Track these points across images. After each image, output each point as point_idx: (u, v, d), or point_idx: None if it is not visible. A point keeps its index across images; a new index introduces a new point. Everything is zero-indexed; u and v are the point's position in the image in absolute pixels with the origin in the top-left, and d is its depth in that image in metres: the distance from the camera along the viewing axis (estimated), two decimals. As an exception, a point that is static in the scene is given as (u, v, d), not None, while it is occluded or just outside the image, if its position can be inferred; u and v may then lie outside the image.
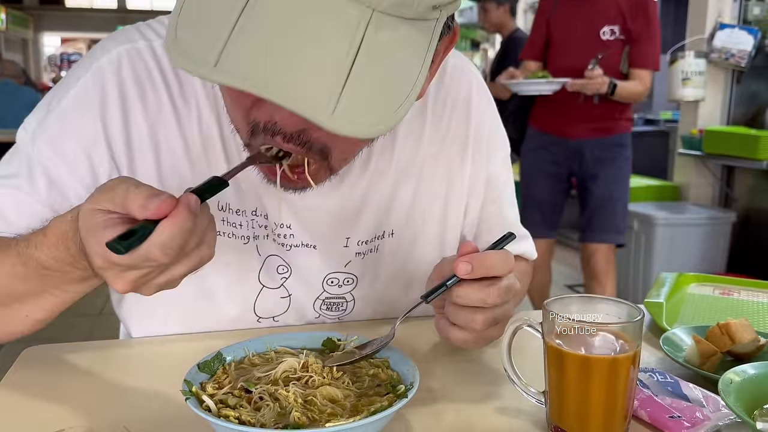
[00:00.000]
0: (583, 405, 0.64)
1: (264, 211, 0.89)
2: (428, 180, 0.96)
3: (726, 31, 3.88)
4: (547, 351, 0.66)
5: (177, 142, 0.85)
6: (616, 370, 0.62)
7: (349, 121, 0.55)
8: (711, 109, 4.00)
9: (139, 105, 0.84)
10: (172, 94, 0.85)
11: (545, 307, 0.66)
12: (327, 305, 0.95)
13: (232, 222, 0.88)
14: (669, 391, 0.73)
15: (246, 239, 0.89)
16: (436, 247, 0.99)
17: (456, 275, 0.71)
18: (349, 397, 0.63)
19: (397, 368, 0.68)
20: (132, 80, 0.84)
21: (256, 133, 0.69)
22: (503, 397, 0.74)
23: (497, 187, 1.04)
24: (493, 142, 1.02)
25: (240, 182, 0.87)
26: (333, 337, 0.75)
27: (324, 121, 0.54)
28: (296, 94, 0.53)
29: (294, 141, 0.68)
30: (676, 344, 0.85)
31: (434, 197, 0.97)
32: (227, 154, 0.86)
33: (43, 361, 0.84)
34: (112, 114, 0.83)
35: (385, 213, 0.94)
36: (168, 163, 0.85)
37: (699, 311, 1.07)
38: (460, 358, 0.85)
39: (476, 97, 1.00)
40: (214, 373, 0.67)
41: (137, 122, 0.84)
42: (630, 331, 0.64)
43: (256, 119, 0.68)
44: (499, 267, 0.72)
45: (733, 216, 3.78)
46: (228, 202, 0.87)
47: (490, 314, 0.73)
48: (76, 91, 0.84)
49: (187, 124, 0.86)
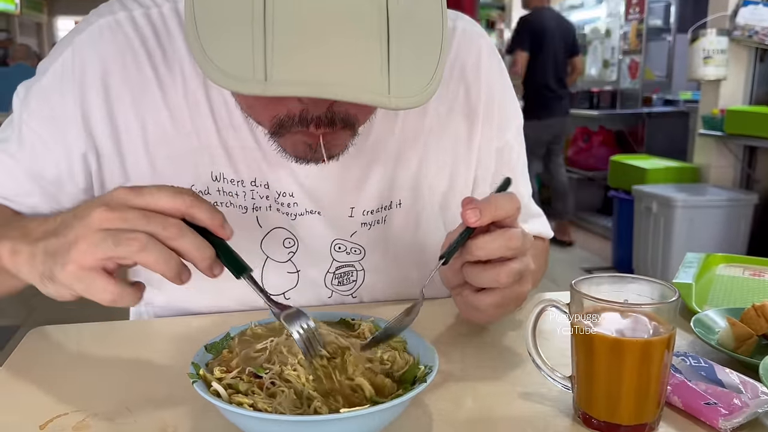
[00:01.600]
0: (613, 391, 0.60)
1: (265, 181, 0.86)
2: (434, 150, 0.93)
3: (750, 8, 3.78)
4: (574, 333, 0.62)
5: (163, 112, 0.83)
6: (649, 353, 0.58)
7: (404, 93, 0.56)
8: (733, 88, 3.91)
9: (120, 78, 0.82)
10: (155, 63, 0.83)
11: (573, 287, 0.62)
12: (338, 278, 0.92)
13: (228, 191, 0.85)
14: (703, 376, 0.69)
15: (244, 209, 0.86)
16: (443, 220, 0.95)
17: (468, 227, 0.68)
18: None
19: (414, 351, 0.65)
20: (112, 53, 0.82)
21: (285, 125, 0.68)
22: (526, 382, 0.71)
23: (510, 160, 1.00)
24: (504, 111, 0.97)
25: (234, 150, 0.84)
26: (347, 317, 0.71)
27: (386, 103, 0.55)
28: (353, 84, 0.53)
29: (324, 123, 0.67)
30: (708, 327, 0.81)
31: (441, 168, 0.94)
32: (215, 118, 0.84)
33: (48, 342, 0.81)
34: (92, 91, 0.82)
35: (390, 183, 0.91)
36: (155, 136, 0.83)
37: (729, 293, 1.03)
38: (479, 341, 0.81)
39: (486, 63, 0.95)
40: (220, 353, 0.64)
41: (120, 95, 0.82)
42: (664, 312, 0.59)
43: (282, 113, 0.67)
44: (506, 206, 0.69)
45: (755, 198, 3.70)
46: (222, 171, 0.85)
47: (514, 265, 0.69)
48: (54, 68, 0.83)
49: (172, 93, 0.83)
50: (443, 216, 0.95)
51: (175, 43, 0.84)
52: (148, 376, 0.72)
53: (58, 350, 0.79)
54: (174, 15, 0.84)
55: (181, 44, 0.84)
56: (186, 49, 0.84)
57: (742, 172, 3.95)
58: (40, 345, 0.80)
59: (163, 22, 0.84)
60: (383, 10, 0.55)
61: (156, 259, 0.55)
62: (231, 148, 0.84)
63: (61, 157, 0.84)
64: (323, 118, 0.66)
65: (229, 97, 0.83)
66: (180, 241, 0.56)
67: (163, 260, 0.56)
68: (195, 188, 0.84)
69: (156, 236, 0.56)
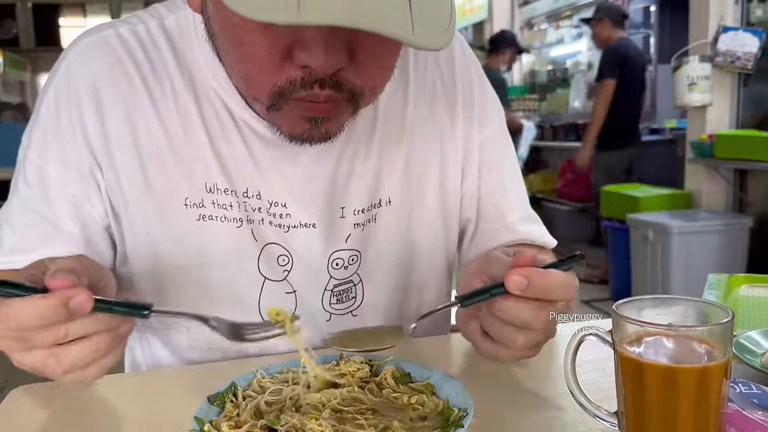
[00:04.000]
0: (669, 426, 0.54)
1: (257, 190, 0.83)
2: (420, 143, 0.90)
3: (730, 34, 3.82)
4: (621, 363, 0.56)
5: (155, 125, 0.81)
6: (707, 381, 0.53)
7: (427, 33, 0.55)
8: (719, 113, 3.92)
9: (111, 93, 0.81)
10: (144, 76, 0.82)
11: (615, 311, 0.56)
12: (337, 296, 0.87)
13: (222, 204, 0.82)
14: (756, 404, 0.63)
15: (239, 222, 0.83)
16: (437, 216, 0.92)
17: (504, 286, 0.61)
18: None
19: (444, 393, 0.58)
20: (101, 69, 0.81)
21: (285, 92, 0.65)
22: (566, 420, 0.64)
23: (494, 155, 0.96)
24: (484, 105, 0.95)
25: (227, 160, 0.82)
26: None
27: (412, 40, 0.54)
28: (383, 17, 0.53)
29: (329, 85, 0.65)
30: (749, 349, 0.75)
31: (428, 161, 0.90)
32: (207, 129, 0.82)
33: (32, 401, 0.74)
34: (86, 108, 0.80)
35: (377, 179, 0.87)
36: (148, 148, 0.81)
37: (758, 314, 0.98)
38: (508, 376, 0.75)
39: (460, 57, 0.94)
40: (224, 405, 0.57)
41: (112, 111, 0.81)
42: (718, 334, 0.54)
43: (282, 81, 0.65)
44: (559, 293, 0.62)
45: (750, 221, 3.68)
46: (215, 182, 0.82)
47: (534, 337, 0.63)
48: (48, 97, 0.82)
49: (163, 106, 0.82)
50: (434, 212, 0.92)
51: (163, 57, 0.83)
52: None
53: (42, 410, 0.72)
54: (161, 31, 0.84)
55: (170, 58, 0.83)
56: (175, 62, 0.82)
57: (734, 196, 3.94)
58: (23, 405, 0.73)
59: (150, 37, 0.83)
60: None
61: (85, 362, 0.56)
62: (224, 158, 0.82)
63: (76, 179, 0.82)
64: (329, 81, 0.64)
65: (221, 108, 0.82)
66: (72, 334, 0.55)
67: (90, 355, 0.56)
68: (189, 201, 0.82)
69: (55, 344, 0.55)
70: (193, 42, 0.82)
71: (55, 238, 0.81)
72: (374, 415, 0.55)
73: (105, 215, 0.83)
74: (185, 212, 0.82)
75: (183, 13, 0.84)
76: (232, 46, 0.67)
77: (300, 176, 0.84)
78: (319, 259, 0.86)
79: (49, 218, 0.81)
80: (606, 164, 4.52)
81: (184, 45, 0.83)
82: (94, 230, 0.83)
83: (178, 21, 0.84)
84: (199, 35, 0.80)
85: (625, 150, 4.53)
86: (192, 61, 0.82)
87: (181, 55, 0.83)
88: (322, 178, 0.85)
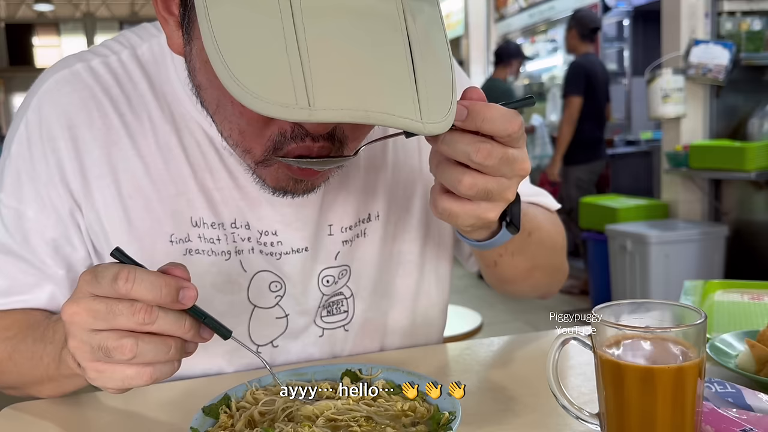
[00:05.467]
0: (647, 424, 0.56)
1: (245, 221, 0.82)
2: (404, 156, 0.90)
3: (701, 47, 3.91)
4: (601, 366, 0.58)
5: (135, 161, 0.79)
6: (683, 380, 0.55)
7: (433, 119, 0.54)
8: (693, 125, 4.01)
9: (87, 130, 0.78)
10: (121, 111, 0.80)
11: (594, 315, 0.59)
12: (327, 308, 0.88)
13: (209, 237, 0.81)
14: (731, 403, 0.66)
15: (227, 255, 0.82)
16: (422, 226, 0.92)
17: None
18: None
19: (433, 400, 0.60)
20: (75, 105, 0.79)
21: (278, 145, 0.65)
22: (549, 423, 0.67)
23: None
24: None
25: (212, 192, 0.81)
26: (353, 369, 0.67)
27: (420, 128, 0.53)
28: (392, 110, 0.52)
29: (322, 137, 0.64)
30: (724, 351, 0.78)
31: (411, 173, 0.91)
32: (190, 162, 0.80)
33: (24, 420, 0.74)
34: (63, 147, 0.78)
35: (364, 194, 0.88)
36: (129, 185, 0.79)
37: (733, 318, 1.01)
38: (494, 385, 0.77)
39: None
40: (218, 417, 0.59)
41: (88, 149, 0.78)
42: (692, 336, 0.57)
43: (274, 133, 0.64)
44: (498, 123, 0.58)
45: (725, 229, 3.75)
46: (201, 216, 0.81)
47: (480, 180, 0.60)
48: (19, 136, 0.80)
49: (142, 141, 0.80)
50: (419, 222, 0.91)
51: (139, 89, 0.80)
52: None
53: (35, 429, 0.73)
54: (134, 61, 0.81)
55: (146, 89, 0.80)
56: (152, 94, 0.80)
57: (709, 205, 4.01)
58: (15, 424, 0.74)
59: (123, 70, 0.81)
60: (404, 32, 0.55)
61: (153, 356, 0.56)
62: (209, 191, 0.81)
63: (55, 222, 0.79)
64: (321, 136, 0.64)
65: (202, 139, 0.80)
66: (155, 325, 0.55)
67: (161, 354, 0.56)
68: (174, 237, 0.80)
69: (131, 329, 0.55)
70: (169, 71, 0.80)
71: (42, 280, 0.80)
72: (368, 422, 0.57)
73: (87, 256, 0.82)
74: (171, 248, 0.80)
75: (156, 41, 0.82)
76: (224, 103, 0.65)
77: (289, 203, 0.82)
78: (310, 279, 0.86)
79: (31, 261, 0.79)
80: (576, 178, 4.58)
81: (160, 75, 0.81)
82: (78, 270, 0.81)
83: (152, 49, 0.82)
84: (175, 63, 0.79)
85: (593, 163, 4.61)
86: (169, 92, 0.80)
87: (158, 86, 0.80)
88: (311, 202, 0.84)
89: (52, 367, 0.70)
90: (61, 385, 0.75)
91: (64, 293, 0.81)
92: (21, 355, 0.74)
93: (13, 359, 0.75)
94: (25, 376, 0.75)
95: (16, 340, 0.75)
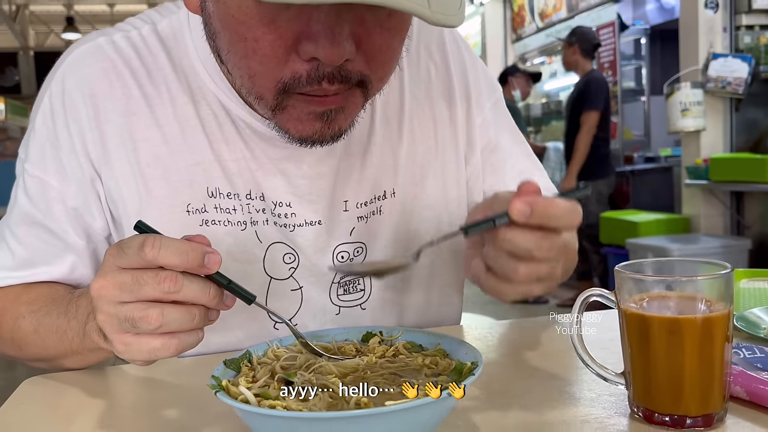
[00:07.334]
0: (675, 379, 0.55)
1: (259, 192, 0.83)
2: (419, 131, 0.90)
3: (720, 61, 3.90)
4: (626, 321, 0.58)
5: (153, 131, 0.81)
6: (711, 331, 0.54)
7: (442, 11, 0.55)
8: (713, 138, 3.99)
9: (107, 100, 0.80)
10: (141, 82, 0.81)
11: (619, 271, 0.58)
12: (343, 287, 0.87)
13: (225, 208, 0.82)
14: (759, 368, 0.64)
15: (243, 225, 0.83)
16: (437, 204, 0.91)
17: (508, 215, 0.57)
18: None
19: (455, 356, 0.60)
20: (96, 75, 0.80)
21: (290, 88, 0.64)
22: (574, 386, 0.66)
23: (495, 134, 0.96)
24: (478, 87, 0.95)
25: (228, 163, 0.82)
26: (373, 331, 0.67)
27: (430, 16, 0.53)
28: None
29: (338, 79, 0.63)
30: (753, 323, 0.77)
31: (428, 151, 0.91)
32: (207, 133, 0.81)
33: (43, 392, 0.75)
34: (84, 116, 0.80)
35: (379, 171, 0.87)
36: (147, 154, 0.80)
37: (759, 302, 0.99)
38: (518, 357, 0.76)
39: (451, 45, 0.94)
40: (239, 371, 0.59)
41: (109, 118, 0.80)
42: (718, 287, 0.55)
43: (287, 76, 0.64)
44: (563, 219, 0.58)
45: (748, 243, 3.71)
46: (217, 186, 0.82)
47: (534, 268, 0.59)
48: (43, 108, 0.82)
49: (161, 111, 0.81)
50: (435, 200, 0.91)
51: (158, 62, 0.82)
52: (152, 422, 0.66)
53: (53, 400, 0.73)
54: (154, 35, 0.83)
55: (166, 62, 0.82)
56: (170, 66, 0.82)
57: (731, 218, 3.98)
58: (35, 395, 0.74)
59: (144, 43, 0.83)
60: None
61: (179, 325, 0.57)
62: (225, 161, 0.82)
63: (76, 191, 0.81)
64: (337, 75, 0.63)
65: (219, 110, 0.81)
66: (181, 293, 0.56)
67: (186, 322, 0.57)
68: (191, 207, 0.81)
69: (157, 299, 0.56)
70: (188, 45, 0.82)
71: (64, 250, 0.82)
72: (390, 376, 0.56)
73: (105, 226, 0.83)
74: (188, 218, 0.81)
75: (176, 17, 0.84)
76: (236, 43, 0.64)
77: (304, 175, 0.83)
78: (324, 253, 0.86)
79: (54, 231, 0.81)
80: (597, 192, 4.56)
81: (179, 48, 0.82)
82: (97, 240, 0.84)
83: (171, 25, 0.84)
84: (193, 38, 0.81)
85: (611, 177, 4.59)
86: (188, 65, 0.82)
87: (177, 59, 0.82)
88: (325, 175, 0.85)
89: (76, 341, 0.71)
90: (85, 358, 0.76)
91: (84, 263, 0.83)
92: (46, 329, 0.75)
93: (39, 333, 0.76)
94: (50, 349, 0.76)
95: (41, 314, 0.76)
